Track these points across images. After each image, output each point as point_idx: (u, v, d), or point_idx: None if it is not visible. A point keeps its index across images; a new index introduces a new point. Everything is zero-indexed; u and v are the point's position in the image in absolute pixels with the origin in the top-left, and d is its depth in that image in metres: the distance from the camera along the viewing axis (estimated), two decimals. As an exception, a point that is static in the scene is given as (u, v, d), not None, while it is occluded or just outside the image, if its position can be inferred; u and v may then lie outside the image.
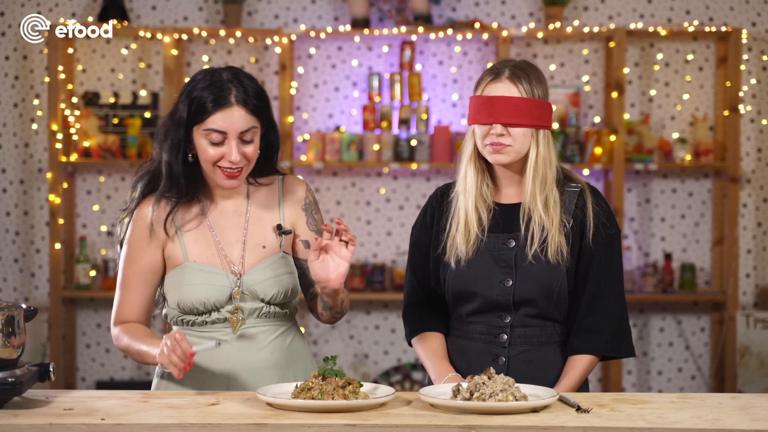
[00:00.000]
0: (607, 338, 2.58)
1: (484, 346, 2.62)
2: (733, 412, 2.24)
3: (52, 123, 5.34)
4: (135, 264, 2.59)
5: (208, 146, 2.51)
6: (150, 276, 2.60)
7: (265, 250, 2.62)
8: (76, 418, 2.17)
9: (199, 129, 2.51)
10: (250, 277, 2.58)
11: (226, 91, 2.49)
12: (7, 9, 5.56)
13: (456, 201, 2.66)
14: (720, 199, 5.56)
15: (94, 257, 5.58)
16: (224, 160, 2.51)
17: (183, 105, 2.52)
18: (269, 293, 2.59)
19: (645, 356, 5.65)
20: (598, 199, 2.63)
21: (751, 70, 5.58)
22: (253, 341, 2.58)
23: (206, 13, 5.59)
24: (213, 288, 2.56)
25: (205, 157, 2.52)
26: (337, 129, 5.51)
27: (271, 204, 2.67)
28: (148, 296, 2.61)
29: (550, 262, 2.56)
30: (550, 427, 2.11)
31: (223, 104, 2.49)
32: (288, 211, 2.67)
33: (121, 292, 2.61)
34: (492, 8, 5.59)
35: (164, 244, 2.60)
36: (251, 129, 2.52)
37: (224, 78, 2.51)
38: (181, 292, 2.56)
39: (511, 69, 2.60)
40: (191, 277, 2.56)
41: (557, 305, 2.59)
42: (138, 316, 2.60)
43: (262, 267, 2.60)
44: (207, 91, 2.50)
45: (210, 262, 2.58)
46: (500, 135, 2.57)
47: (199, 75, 2.55)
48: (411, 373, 5.58)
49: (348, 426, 2.12)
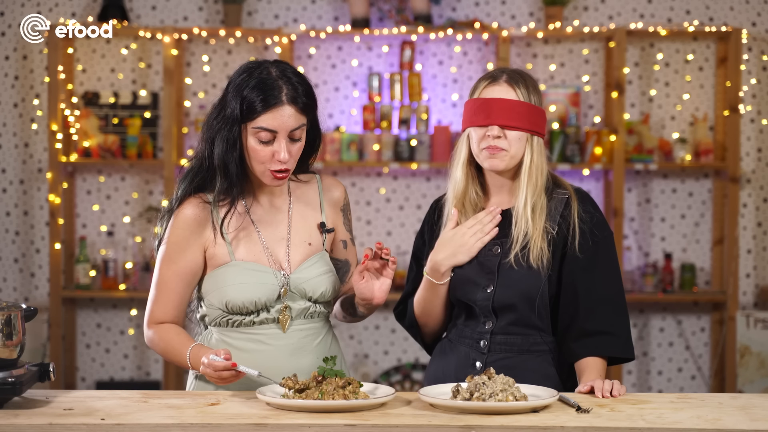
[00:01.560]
0: (609, 340, 2.57)
1: (465, 351, 2.64)
2: (733, 412, 2.24)
3: (52, 123, 5.34)
4: (174, 264, 2.53)
5: (257, 144, 2.47)
6: (189, 277, 2.55)
7: (311, 248, 2.61)
8: (76, 418, 2.17)
9: (249, 127, 2.47)
10: (298, 275, 2.56)
11: (276, 90, 2.46)
12: (7, 9, 5.56)
13: (446, 206, 2.68)
14: (720, 199, 5.56)
15: (94, 257, 5.58)
16: (273, 160, 2.47)
17: (234, 102, 2.47)
18: (317, 291, 2.57)
19: (645, 356, 5.65)
20: (585, 206, 2.62)
21: (751, 70, 5.58)
22: (300, 346, 2.56)
23: (206, 13, 5.59)
24: (263, 287, 2.52)
25: (255, 157, 2.48)
26: (337, 129, 5.52)
27: (313, 202, 2.66)
28: (184, 297, 2.56)
29: (531, 267, 2.56)
30: (550, 427, 2.11)
31: (274, 103, 2.45)
32: (328, 210, 2.67)
33: (157, 292, 2.55)
34: (492, 8, 5.59)
35: (206, 245, 2.55)
36: (300, 127, 2.49)
37: (273, 75, 2.48)
38: (229, 291, 2.52)
39: (509, 73, 2.62)
40: (240, 276, 2.52)
41: (539, 313, 2.58)
42: (173, 317, 2.55)
43: (309, 264, 2.58)
44: (257, 90, 2.46)
45: (257, 260, 2.55)
46: (497, 137, 2.57)
47: (247, 71, 2.50)
48: (411, 373, 5.58)
49: (348, 426, 2.12)
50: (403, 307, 2.77)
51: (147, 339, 2.57)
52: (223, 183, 2.51)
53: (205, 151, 2.52)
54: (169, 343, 2.51)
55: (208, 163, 2.52)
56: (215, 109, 2.53)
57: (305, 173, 2.67)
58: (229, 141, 2.48)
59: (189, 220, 2.53)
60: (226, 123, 2.48)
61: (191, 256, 2.54)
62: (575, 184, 2.73)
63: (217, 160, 2.50)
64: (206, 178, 2.54)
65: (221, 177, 2.51)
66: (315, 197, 2.67)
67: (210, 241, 2.54)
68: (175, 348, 2.50)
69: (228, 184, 2.51)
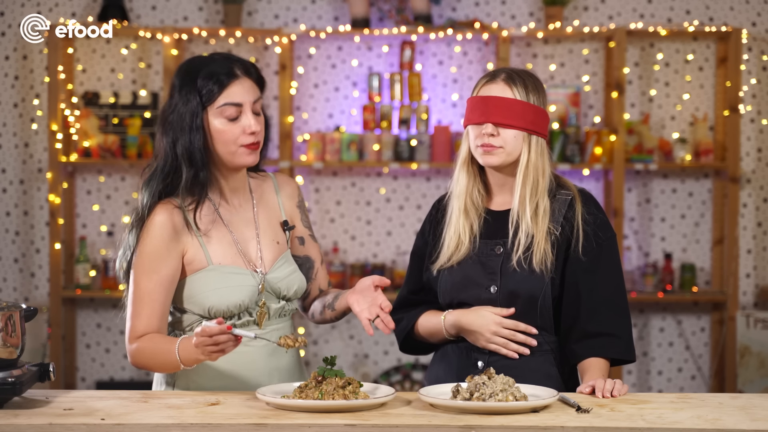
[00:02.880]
0: (611, 342, 2.56)
1: (466, 351, 2.63)
2: (733, 412, 2.24)
3: (52, 123, 5.34)
4: (155, 275, 2.46)
5: (224, 125, 2.47)
6: (171, 285, 2.48)
7: (279, 246, 2.61)
8: (76, 418, 2.17)
9: (213, 109, 2.47)
10: (273, 275, 2.56)
11: (228, 67, 2.48)
12: (7, 9, 5.56)
13: (449, 205, 2.67)
14: (720, 199, 5.56)
15: (94, 257, 5.58)
16: (244, 135, 2.47)
17: (190, 93, 2.47)
18: (291, 289, 2.58)
19: (645, 356, 5.65)
20: (589, 207, 2.61)
21: (751, 70, 5.58)
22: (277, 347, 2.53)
23: (206, 13, 5.59)
24: (244, 289, 2.50)
25: (223, 138, 2.47)
26: (337, 129, 5.51)
27: (271, 199, 2.65)
28: (167, 306, 2.49)
29: (534, 270, 2.56)
30: (550, 427, 2.11)
31: (232, 78, 2.47)
32: (286, 208, 2.67)
33: (137, 307, 2.46)
34: (492, 8, 5.59)
35: (185, 250, 2.50)
36: (259, 99, 2.52)
37: (219, 58, 2.51)
38: (210, 296, 2.49)
39: (508, 72, 2.62)
40: (220, 281, 2.49)
41: (542, 314, 2.58)
42: (157, 328, 2.46)
43: (280, 264, 2.58)
44: (210, 73, 2.47)
45: (234, 262, 2.53)
46: (491, 135, 2.57)
47: (189, 64, 2.51)
48: (411, 373, 5.58)
49: (348, 426, 2.12)
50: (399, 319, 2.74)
51: (130, 355, 2.47)
52: (189, 172, 2.47)
53: (167, 148, 2.48)
54: (156, 345, 2.42)
55: (171, 158, 2.48)
56: (169, 107, 2.49)
57: (258, 172, 2.67)
58: (192, 130, 2.46)
59: (163, 226, 2.48)
60: (186, 114, 2.46)
61: (172, 263, 2.48)
62: (575, 184, 2.71)
63: (181, 152, 2.46)
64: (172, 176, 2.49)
65: (187, 168, 2.47)
66: (272, 196, 2.66)
67: (187, 245, 2.50)
68: (161, 349, 2.41)
69: (194, 173, 2.47)
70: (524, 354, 2.57)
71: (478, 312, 2.59)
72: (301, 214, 2.70)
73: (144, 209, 2.50)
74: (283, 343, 2.35)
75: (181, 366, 2.39)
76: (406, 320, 2.72)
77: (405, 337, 2.74)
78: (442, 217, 2.70)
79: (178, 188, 2.49)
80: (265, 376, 2.52)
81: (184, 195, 2.49)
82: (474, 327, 2.58)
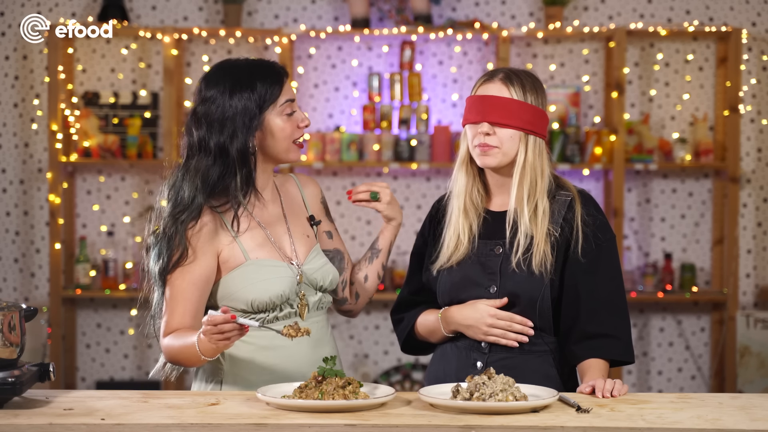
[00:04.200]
0: (610, 343, 2.56)
1: (465, 351, 2.63)
2: (733, 412, 2.24)
3: (52, 123, 5.34)
4: (189, 274, 2.51)
5: (284, 122, 2.57)
6: (205, 285, 2.54)
7: (309, 240, 2.67)
8: (76, 418, 2.17)
9: (275, 108, 2.56)
10: (308, 266, 2.62)
11: (275, 65, 2.60)
12: (7, 9, 5.56)
13: (449, 205, 2.67)
14: (720, 199, 5.56)
15: (94, 257, 5.59)
16: (298, 129, 2.59)
17: (246, 96, 2.53)
18: (326, 280, 2.63)
19: (645, 356, 5.65)
20: (589, 209, 2.61)
21: (751, 70, 5.58)
22: (319, 336, 2.60)
23: (206, 13, 5.59)
24: (284, 280, 2.56)
25: (282, 135, 2.58)
26: (337, 129, 5.52)
27: (296, 195, 2.73)
28: (201, 305, 2.54)
29: (533, 272, 2.56)
30: (550, 427, 2.11)
31: (286, 75, 2.60)
32: (310, 203, 2.74)
33: (172, 305, 2.51)
34: (492, 8, 5.59)
35: (220, 250, 2.55)
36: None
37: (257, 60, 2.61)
38: (252, 290, 2.53)
39: (506, 72, 2.61)
40: (261, 273, 2.54)
41: (541, 315, 2.58)
42: (190, 325, 2.51)
43: (313, 256, 2.64)
44: (263, 75, 2.56)
45: (271, 256, 2.58)
46: (486, 134, 2.57)
47: (239, 67, 2.58)
48: (411, 373, 5.58)
49: (348, 426, 2.12)
50: (399, 319, 2.76)
51: (163, 348, 2.52)
52: (242, 173, 2.53)
53: (215, 150, 2.52)
54: (181, 339, 2.46)
55: (220, 159, 2.52)
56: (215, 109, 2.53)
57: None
58: (250, 130, 2.53)
59: (204, 228, 2.53)
60: (243, 115, 2.53)
61: (206, 263, 2.53)
62: (575, 184, 2.71)
63: (235, 153, 2.53)
64: (223, 177, 2.53)
65: (239, 168, 2.53)
66: (297, 193, 2.74)
67: (223, 245, 2.55)
68: (186, 342, 2.43)
69: (247, 173, 2.54)
70: (523, 342, 2.57)
71: (472, 306, 2.59)
72: (326, 211, 2.78)
73: (191, 210, 2.52)
74: (286, 333, 2.37)
75: (202, 357, 2.40)
76: (407, 320, 2.73)
77: (406, 337, 2.74)
78: (442, 217, 2.70)
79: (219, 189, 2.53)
80: (310, 367, 2.53)
81: (234, 194, 2.54)
82: (470, 321, 2.59)
